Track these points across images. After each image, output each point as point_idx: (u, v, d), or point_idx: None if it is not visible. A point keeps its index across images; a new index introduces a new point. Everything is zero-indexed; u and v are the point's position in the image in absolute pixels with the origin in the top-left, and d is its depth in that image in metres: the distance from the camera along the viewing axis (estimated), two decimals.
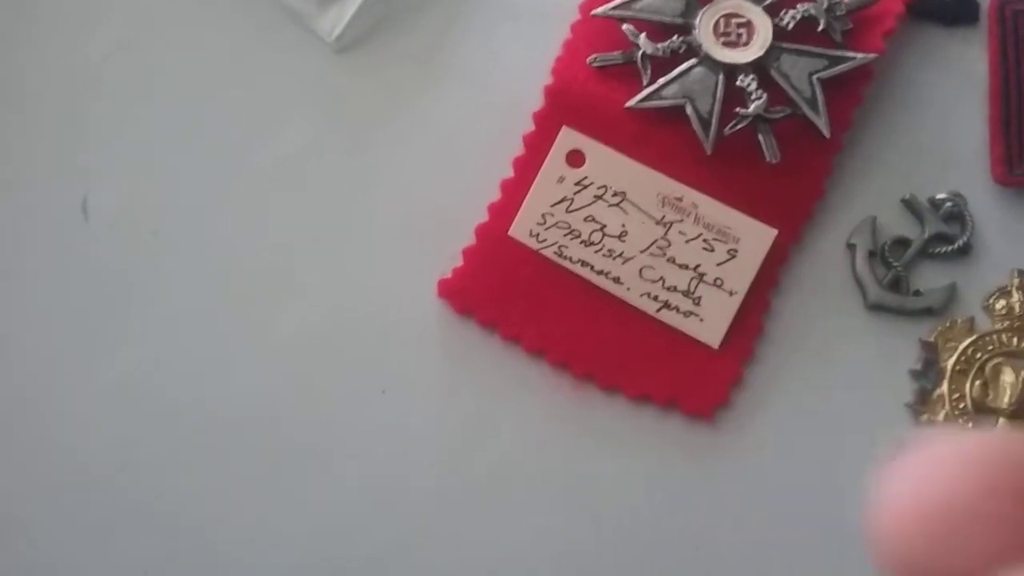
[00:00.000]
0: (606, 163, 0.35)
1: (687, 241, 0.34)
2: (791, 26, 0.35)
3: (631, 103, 0.35)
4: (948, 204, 0.35)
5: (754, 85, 0.35)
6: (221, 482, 0.33)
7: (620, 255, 0.34)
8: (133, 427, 0.34)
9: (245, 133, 0.36)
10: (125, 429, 0.34)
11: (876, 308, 0.35)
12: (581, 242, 0.34)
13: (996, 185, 0.35)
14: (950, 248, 0.35)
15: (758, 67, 0.35)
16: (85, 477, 0.33)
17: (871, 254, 0.35)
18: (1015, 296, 0.35)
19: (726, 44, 0.35)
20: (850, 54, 0.35)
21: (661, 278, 0.34)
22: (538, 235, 0.34)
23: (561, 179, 0.35)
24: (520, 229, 0.34)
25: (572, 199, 0.34)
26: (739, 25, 0.35)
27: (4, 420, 0.34)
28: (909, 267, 0.35)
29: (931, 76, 0.37)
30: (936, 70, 0.37)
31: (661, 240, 0.34)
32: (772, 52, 0.35)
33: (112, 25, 0.37)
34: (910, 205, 0.35)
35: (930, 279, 0.35)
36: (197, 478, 0.33)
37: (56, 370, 0.34)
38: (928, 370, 0.35)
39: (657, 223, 0.34)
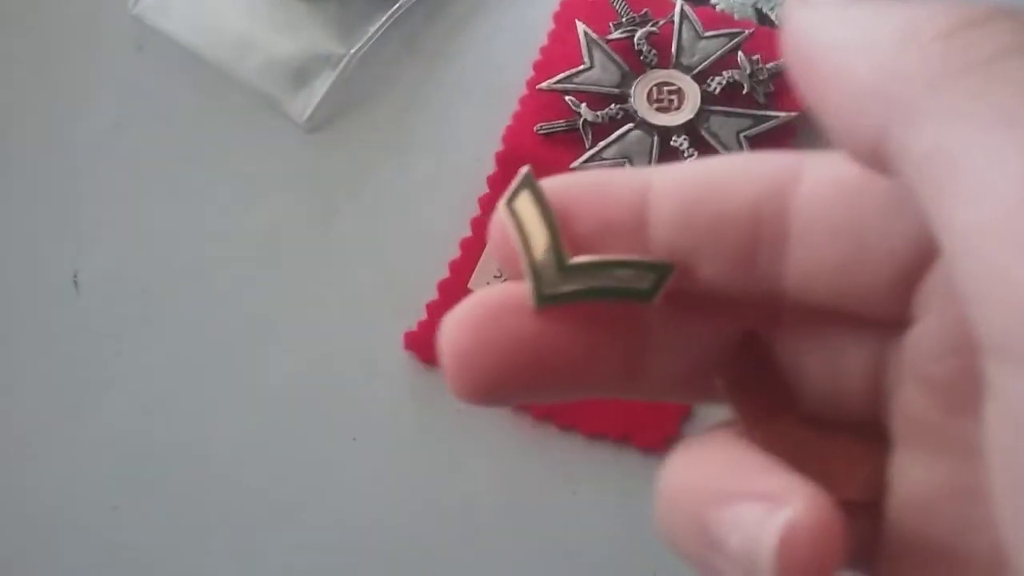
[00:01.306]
0: None
1: None
2: (718, 91, 0.39)
3: (575, 164, 0.38)
4: None
5: (686, 144, 0.38)
6: (201, 526, 0.35)
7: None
8: (119, 475, 0.36)
9: (226, 205, 0.39)
10: (112, 477, 0.36)
11: None
12: None
13: None
14: None
15: (690, 128, 0.38)
16: (74, 524, 0.35)
17: None
18: None
19: (659, 109, 0.39)
20: (772, 113, 0.38)
21: None
22: None
23: None
24: (478, 282, 0.37)
25: None
26: (670, 92, 0.39)
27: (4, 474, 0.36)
28: None
29: None
30: None
31: None
32: (702, 115, 0.38)
33: (102, 109, 0.40)
34: None
35: None
36: (179, 522, 0.35)
37: (48, 425, 0.37)
38: None
39: None
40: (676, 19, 0.39)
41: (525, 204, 0.17)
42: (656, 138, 0.38)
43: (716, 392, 0.17)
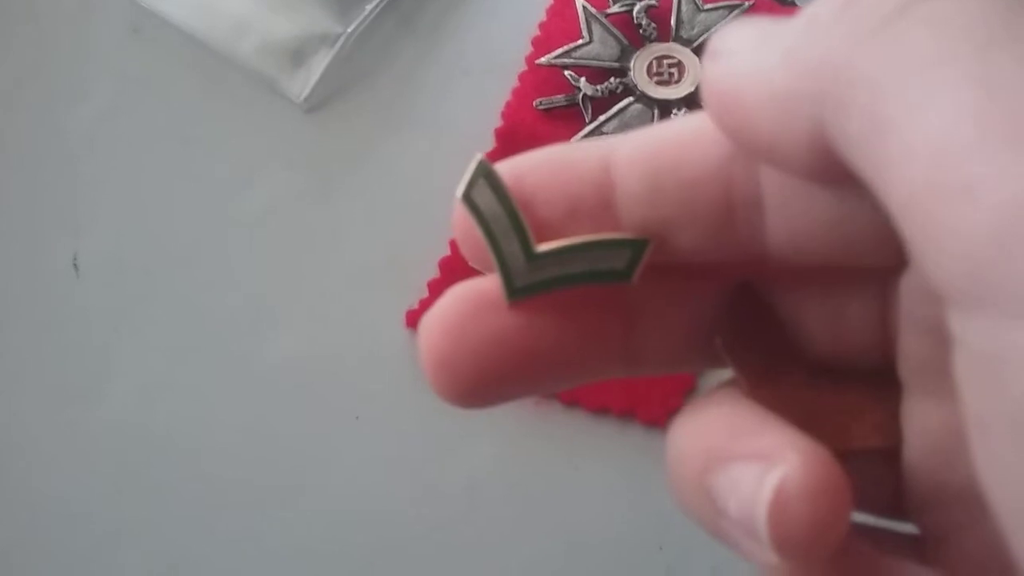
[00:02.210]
0: None
1: None
2: None
3: (575, 139, 0.38)
4: None
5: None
6: (203, 507, 0.35)
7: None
8: (121, 458, 0.36)
9: (225, 186, 0.39)
10: (113, 459, 0.36)
11: None
12: None
13: None
14: None
15: (690, 101, 0.38)
16: (75, 508, 0.35)
17: None
18: None
19: (659, 83, 0.38)
20: None
21: None
22: None
23: None
24: None
25: None
26: (670, 65, 0.39)
27: (7, 460, 0.36)
28: None
29: None
30: None
31: None
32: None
33: (99, 91, 0.40)
34: None
35: None
36: (181, 504, 0.35)
37: (49, 409, 0.37)
38: None
39: None
40: None
41: (483, 194, 0.16)
42: (656, 111, 0.38)
43: (718, 355, 0.17)
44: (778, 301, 0.17)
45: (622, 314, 0.17)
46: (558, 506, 0.35)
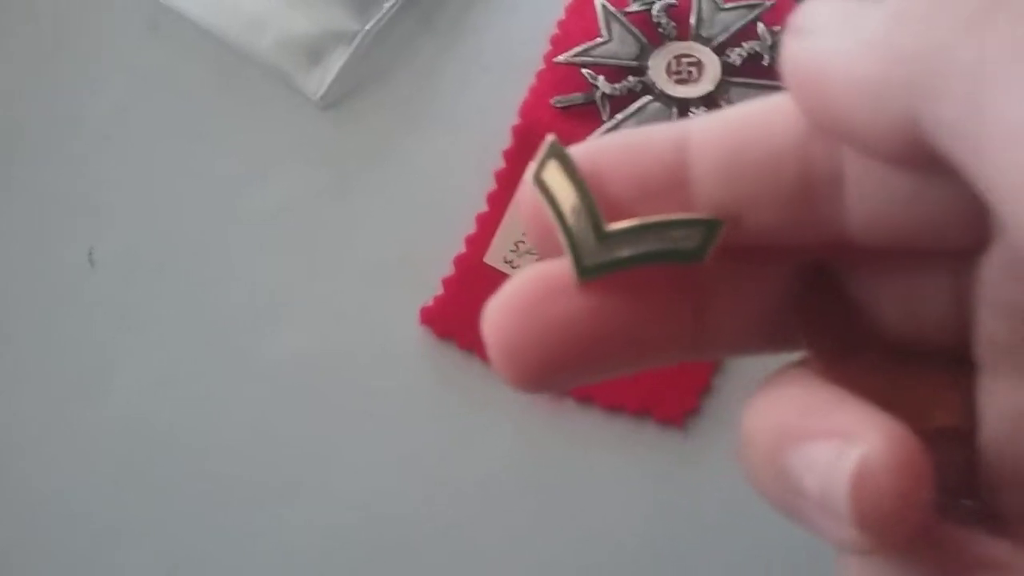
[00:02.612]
0: None
1: None
2: (738, 62, 0.38)
3: (593, 137, 0.37)
4: None
5: None
6: (215, 499, 0.35)
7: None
8: (133, 449, 0.36)
9: (241, 182, 0.39)
10: (125, 451, 0.36)
11: None
12: None
13: None
14: None
15: (709, 100, 0.38)
16: (87, 499, 0.35)
17: None
18: None
19: (678, 82, 0.38)
20: None
21: None
22: (512, 261, 0.37)
23: None
24: (494, 257, 0.37)
25: None
26: (690, 64, 0.38)
27: (13, 455, 0.36)
28: None
29: None
30: None
31: None
32: (722, 86, 0.38)
33: (117, 87, 0.40)
34: None
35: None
36: (194, 495, 0.35)
37: (62, 400, 0.37)
38: None
39: None
40: None
41: (553, 174, 0.15)
42: (675, 110, 0.37)
43: (788, 337, 0.16)
44: (851, 282, 0.16)
45: (692, 296, 0.16)
46: (571, 504, 0.35)
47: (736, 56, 0.38)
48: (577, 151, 0.16)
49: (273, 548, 0.35)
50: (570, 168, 0.15)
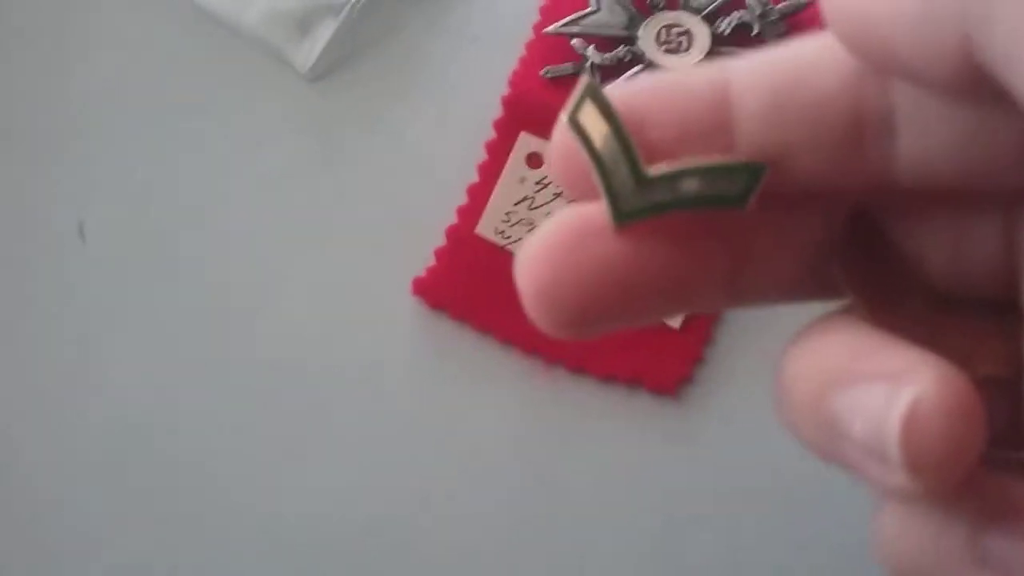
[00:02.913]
0: None
1: None
2: (727, 32, 0.38)
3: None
4: None
5: None
6: (210, 471, 0.35)
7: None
8: (126, 426, 0.36)
9: (230, 155, 0.39)
10: (118, 428, 0.36)
11: None
12: None
13: None
14: None
15: None
16: (80, 476, 0.35)
17: None
18: None
19: (668, 51, 0.38)
20: None
21: None
22: (503, 232, 0.37)
23: (522, 180, 0.37)
24: (487, 227, 0.37)
25: (534, 197, 0.37)
26: (679, 34, 0.38)
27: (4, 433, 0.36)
28: None
29: None
30: None
31: None
32: (711, 56, 0.38)
33: (105, 60, 0.40)
34: None
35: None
36: (189, 463, 0.35)
37: (54, 375, 0.37)
38: None
39: None
40: None
41: (589, 116, 0.15)
42: None
43: (828, 285, 0.16)
44: (897, 228, 0.16)
45: (732, 241, 0.16)
46: (566, 473, 0.35)
47: (726, 25, 0.38)
48: (614, 92, 0.15)
49: (267, 518, 0.35)
50: (607, 110, 0.15)
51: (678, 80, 0.15)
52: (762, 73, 0.15)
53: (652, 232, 0.15)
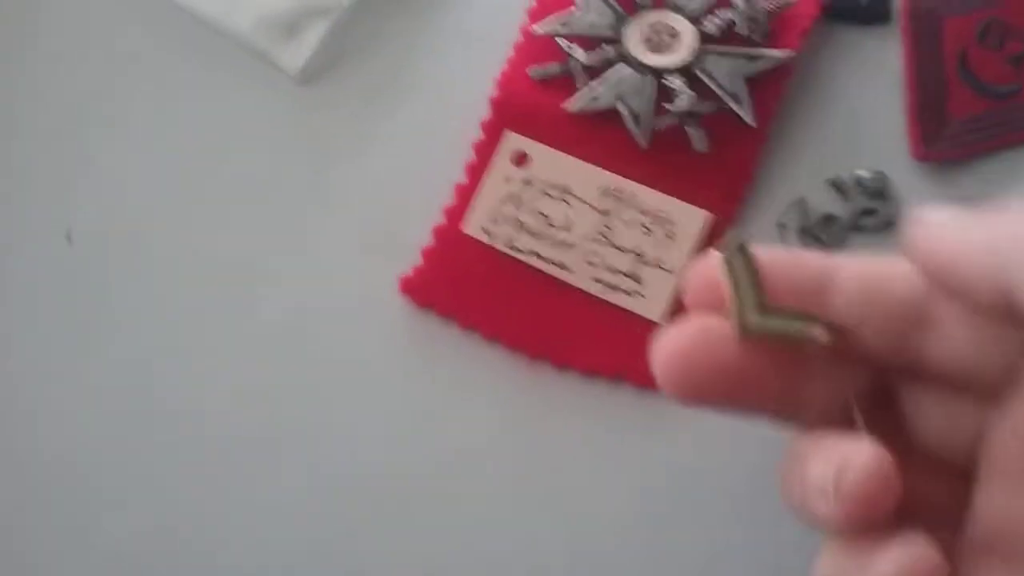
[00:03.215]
0: (549, 162, 0.37)
1: (627, 227, 0.37)
2: (714, 31, 0.38)
3: (569, 106, 0.38)
4: (871, 180, 0.38)
5: (681, 84, 0.38)
6: (196, 473, 0.35)
7: (567, 244, 0.37)
8: (116, 425, 0.36)
9: (220, 158, 0.39)
10: (108, 427, 0.36)
11: None
12: (530, 234, 0.37)
13: (915, 162, 0.38)
14: (876, 221, 0.37)
15: (685, 69, 0.38)
16: (70, 473, 0.36)
17: (802, 231, 0.38)
18: None
19: (654, 50, 0.38)
20: (769, 52, 0.38)
21: (605, 262, 0.36)
22: (490, 231, 0.37)
23: (508, 179, 0.37)
24: (473, 226, 0.37)
25: (520, 196, 0.37)
26: (665, 33, 0.39)
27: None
28: (839, 241, 0.37)
29: (849, 70, 0.40)
30: (854, 65, 0.40)
31: (604, 228, 0.37)
32: (697, 55, 0.38)
33: (92, 65, 0.41)
34: (836, 184, 0.38)
35: (860, 251, 0.37)
36: (174, 470, 0.35)
37: (44, 378, 0.37)
38: None
39: (599, 213, 0.37)
40: None
41: (736, 259, 0.22)
42: (651, 78, 0.38)
43: (847, 420, 0.23)
44: (903, 391, 0.24)
45: (802, 372, 0.23)
46: (551, 470, 0.35)
47: (711, 24, 0.38)
48: (756, 250, 0.22)
49: (253, 514, 0.35)
50: (748, 255, 0.22)
51: (800, 256, 0.23)
52: (862, 271, 0.23)
53: (759, 348, 0.22)
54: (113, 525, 0.35)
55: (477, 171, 0.38)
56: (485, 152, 0.38)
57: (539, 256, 0.36)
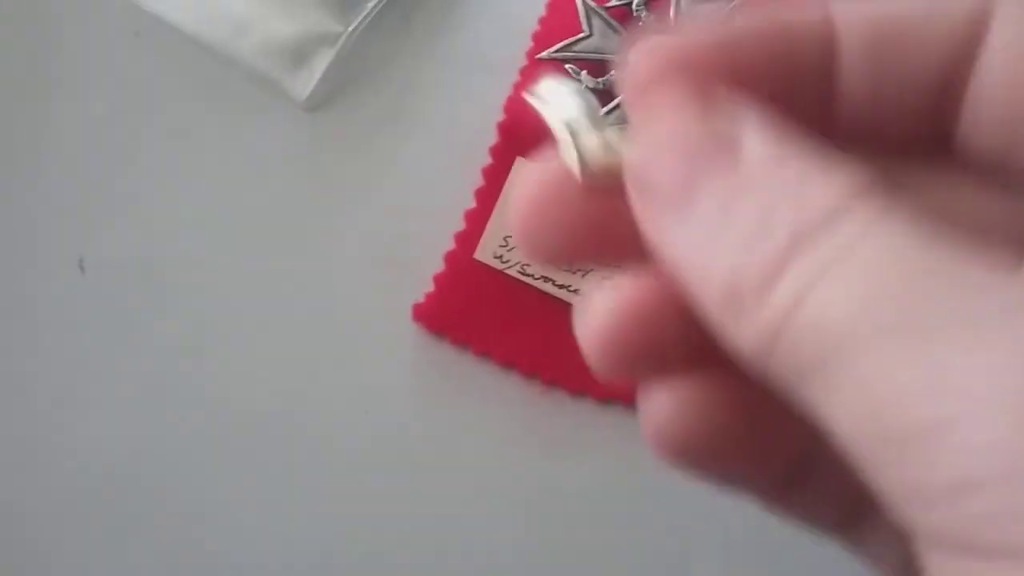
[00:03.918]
0: None
1: None
2: None
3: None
4: None
5: None
6: (210, 504, 0.35)
7: (579, 269, 0.37)
8: (128, 455, 0.36)
9: (229, 186, 0.39)
10: (121, 457, 0.36)
11: None
12: None
13: None
14: None
15: None
16: (82, 505, 0.35)
17: None
18: None
19: None
20: None
21: None
22: (501, 256, 0.37)
23: None
24: (485, 252, 0.37)
25: None
26: None
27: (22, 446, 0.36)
28: None
29: None
30: None
31: None
32: None
33: (102, 94, 0.40)
34: None
35: None
36: (191, 495, 0.35)
37: (56, 409, 0.37)
38: None
39: None
40: None
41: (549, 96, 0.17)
42: None
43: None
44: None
45: None
46: (565, 498, 0.35)
47: None
48: (715, 35, 0.15)
49: (266, 540, 0.35)
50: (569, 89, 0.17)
51: (782, 24, 0.15)
52: (873, 19, 0.15)
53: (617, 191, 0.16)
54: (117, 559, 0.35)
55: (487, 196, 0.38)
56: (494, 177, 0.38)
57: (552, 282, 0.37)
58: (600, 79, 0.38)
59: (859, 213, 0.12)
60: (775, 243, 0.12)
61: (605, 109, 0.38)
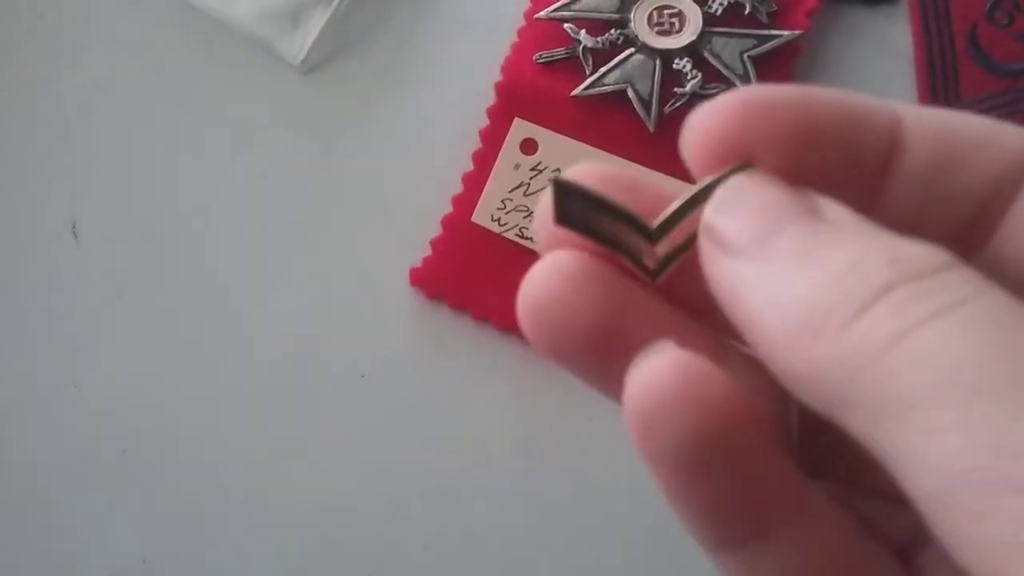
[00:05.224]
0: (558, 148, 0.37)
1: None
2: (719, 12, 0.38)
3: (577, 91, 0.37)
4: None
5: (689, 67, 0.37)
6: (206, 468, 0.35)
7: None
8: (122, 424, 0.36)
9: (224, 150, 0.39)
10: (114, 425, 0.36)
11: None
12: None
13: None
14: None
15: (692, 51, 0.37)
16: (76, 472, 0.35)
17: None
18: None
19: (660, 33, 0.38)
20: (776, 32, 0.38)
21: None
22: (499, 219, 0.36)
23: (517, 166, 0.37)
24: (482, 215, 0.37)
25: (528, 183, 0.37)
26: (671, 15, 0.38)
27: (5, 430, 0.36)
28: None
29: (858, 50, 0.39)
30: (863, 44, 0.39)
31: None
32: (704, 37, 0.38)
33: (96, 59, 0.40)
34: None
35: None
36: (183, 465, 0.35)
37: (50, 375, 0.37)
38: None
39: None
40: None
41: (574, 206, 0.16)
42: (658, 62, 0.37)
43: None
44: None
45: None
46: (564, 461, 0.35)
47: (717, 6, 0.38)
48: (787, 99, 0.15)
49: (265, 506, 0.35)
50: (584, 190, 0.16)
51: (854, 105, 0.16)
52: (937, 126, 0.16)
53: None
54: (117, 523, 0.35)
55: (484, 159, 0.37)
56: (492, 139, 0.38)
57: None
58: (599, 38, 0.38)
59: (968, 273, 0.13)
60: (870, 283, 0.13)
61: (605, 68, 0.37)
